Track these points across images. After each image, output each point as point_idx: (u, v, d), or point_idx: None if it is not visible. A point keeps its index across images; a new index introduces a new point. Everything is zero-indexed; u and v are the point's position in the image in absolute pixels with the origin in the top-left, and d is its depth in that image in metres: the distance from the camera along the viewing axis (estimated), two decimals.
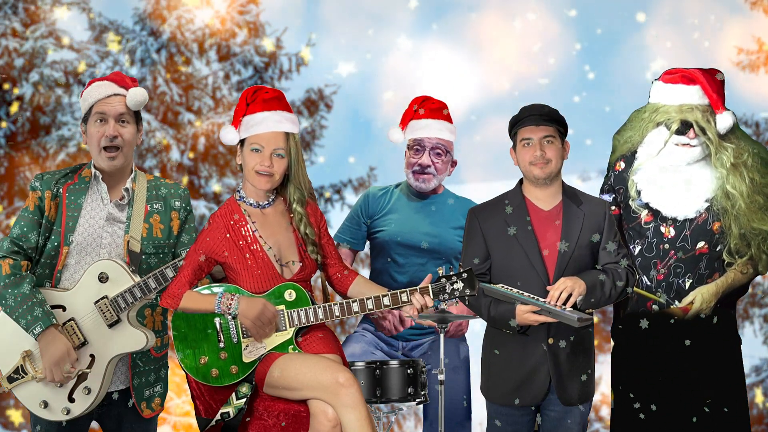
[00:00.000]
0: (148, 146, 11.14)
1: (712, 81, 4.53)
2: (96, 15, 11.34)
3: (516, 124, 4.34)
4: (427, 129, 4.94)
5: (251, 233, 4.06)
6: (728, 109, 4.54)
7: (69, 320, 4.13)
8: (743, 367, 4.64)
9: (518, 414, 4.32)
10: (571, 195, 4.36)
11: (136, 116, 4.29)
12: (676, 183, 4.53)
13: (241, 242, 4.04)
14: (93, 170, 4.25)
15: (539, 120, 4.29)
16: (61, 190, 4.21)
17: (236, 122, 4.11)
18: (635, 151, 4.62)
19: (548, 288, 4.18)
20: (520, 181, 4.40)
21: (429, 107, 4.97)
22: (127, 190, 4.25)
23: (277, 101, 4.12)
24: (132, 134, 4.24)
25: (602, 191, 4.71)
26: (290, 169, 4.10)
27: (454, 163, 5.02)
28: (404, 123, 4.99)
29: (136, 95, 4.24)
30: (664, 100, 4.56)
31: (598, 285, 4.22)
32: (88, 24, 11.36)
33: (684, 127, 4.52)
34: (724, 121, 4.51)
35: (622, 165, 4.64)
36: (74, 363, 4.09)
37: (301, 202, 4.12)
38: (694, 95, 4.53)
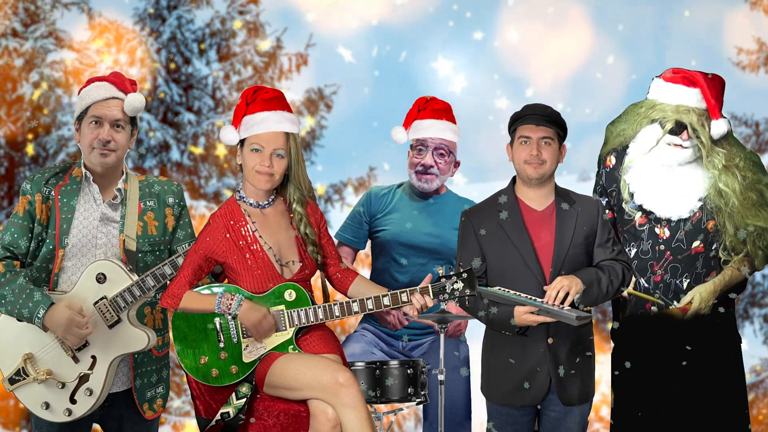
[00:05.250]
0: (148, 146, 11.13)
1: (713, 86, 4.52)
2: (96, 15, 11.34)
3: (516, 121, 4.34)
4: (431, 129, 4.94)
5: (251, 233, 4.06)
6: (725, 117, 4.55)
7: None
8: (743, 366, 4.65)
9: (518, 414, 4.32)
10: (563, 195, 4.36)
11: (132, 121, 4.25)
12: (669, 183, 4.53)
13: (241, 242, 4.04)
14: (84, 170, 4.22)
15: (540, 120, 4.29)
16: (53, 192, 4.18)
17: (236, 122, 4.11)
18: (627, 146, 4.63)
19: (545, 288, 4.18)
20: (513, 181, 4.40)
21: (433, 107, 4.97)
22: (119, 190, 4.23)
23: (278, 101, 4.11)
24: (126, 139, 4.21)
25: (594, 192, 4.71)
26: (290, 169, 4.11)
27: (457, 164, 5.02)
28: (408, 123, 4.99)
29: (134, 102, 4.19)
30: (663, 98, 4.57)
31: (594, 282, 4.22)
32: (88, 24, 11.36)
33: (678, 128, 4.52)
34: (718, 127, 4.52)
35: (613, 160, 4.65)
36: (81, 312, 4.05)
37: (301, 202, 4.12)
38: (692, 98, 4.53)
